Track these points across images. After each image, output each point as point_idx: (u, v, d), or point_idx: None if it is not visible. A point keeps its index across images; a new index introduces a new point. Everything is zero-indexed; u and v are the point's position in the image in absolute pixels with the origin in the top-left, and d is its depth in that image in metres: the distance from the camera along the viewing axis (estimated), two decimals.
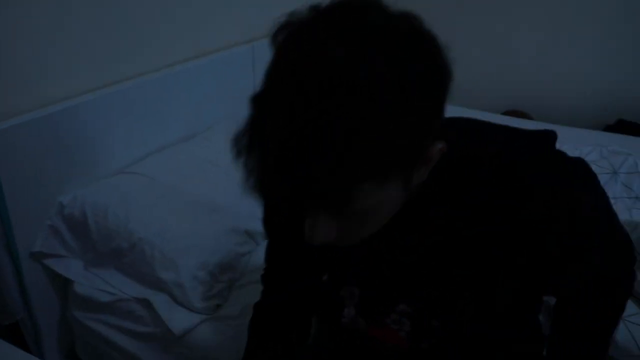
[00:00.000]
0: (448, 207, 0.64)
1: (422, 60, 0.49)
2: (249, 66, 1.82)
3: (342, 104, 0.45)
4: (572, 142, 1.67)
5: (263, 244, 1.37)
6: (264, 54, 0.51)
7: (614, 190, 1.47)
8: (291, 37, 0.50)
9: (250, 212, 1.36)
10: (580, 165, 0.71)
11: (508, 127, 0.69)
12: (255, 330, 0.90)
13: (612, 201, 1.50)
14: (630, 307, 1.06)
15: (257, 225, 1.35)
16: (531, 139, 0.69)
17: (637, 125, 2.33)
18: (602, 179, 1.49)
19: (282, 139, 0.46)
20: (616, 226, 0.73)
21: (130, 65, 1.44)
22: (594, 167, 1.68)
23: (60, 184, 1.25)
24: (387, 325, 0.76)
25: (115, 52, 1.39)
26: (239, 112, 0.55)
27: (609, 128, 2.37)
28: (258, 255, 1.33)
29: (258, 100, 0.50)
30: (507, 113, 2.47)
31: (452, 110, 0.57)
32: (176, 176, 1.36)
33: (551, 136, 0.70)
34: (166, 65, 1.54)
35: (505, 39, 2.48)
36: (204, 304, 1.15)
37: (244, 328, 1.11)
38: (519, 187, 0.63)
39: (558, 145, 0.70)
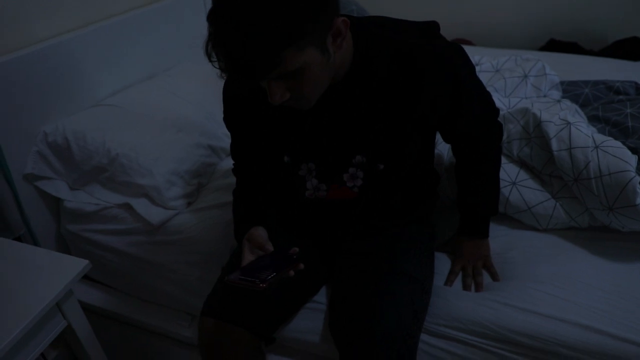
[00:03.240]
0: (374, 74, 0.89)
1: None
2: (202, 12, 1.98)
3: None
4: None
5: (226, 159, 1.59)
6: None
7: (525, 91, 1.65)
8: None
9: (210, 132, 1.57)
10: (458, 46, 0.95)
11: (408, 21, 0.93)
12: (237, 208, 1.12)
13: (519, 99, 1.70)
14: (522, 174, 1.30)
15: (218, 143, 1.56)
16: (423, 28, 0.93)
17: (565, 43, 2.55)
18: (515, 82, 1.70)
19: (225, 34, 0.71)
20: (485, 91, 1.02)
21: (99, 9, 1.61)
22: (508, 74, 1.88)
23: (44, 115, 1.44)
24: (344, 183, 1.00)
25: None
26: (194, 56, 0.76)
27: (542, 48, 2.60)
28: (222, 166, 1.55)
29: (210, 15, 0.74)
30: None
31: None
32: (144, 105, 1.55)
33: (435, 25, 0.95)
34: (124, 11, 1.70)
35: None
36: (177, 202, 1.37)
37: (211, 216, 1.34)
38: (420, 59, 0.87)
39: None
